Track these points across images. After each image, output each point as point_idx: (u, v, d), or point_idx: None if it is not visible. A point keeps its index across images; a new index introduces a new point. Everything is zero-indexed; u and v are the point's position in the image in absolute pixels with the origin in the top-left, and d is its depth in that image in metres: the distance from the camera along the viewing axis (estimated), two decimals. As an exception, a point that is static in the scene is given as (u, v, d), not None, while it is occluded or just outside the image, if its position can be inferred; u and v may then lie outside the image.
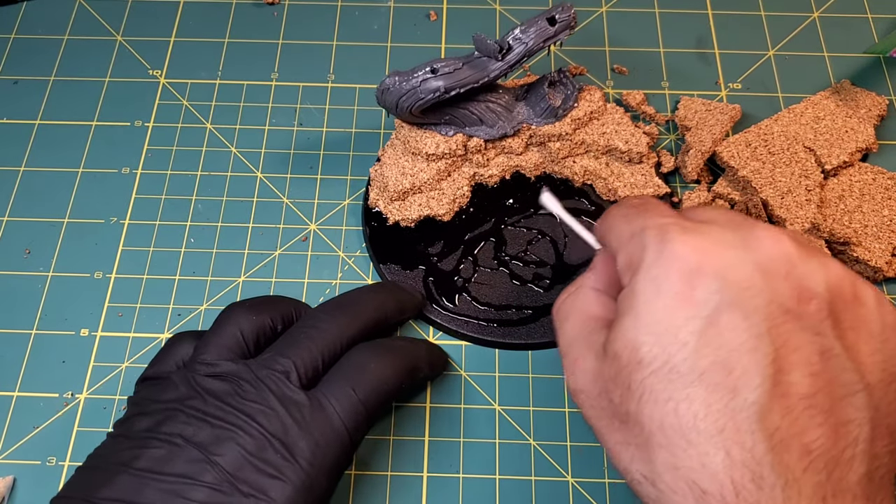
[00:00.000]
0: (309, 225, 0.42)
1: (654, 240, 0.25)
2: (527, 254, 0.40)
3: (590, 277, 0.29)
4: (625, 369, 0.24)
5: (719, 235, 0.25)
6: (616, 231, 0.27)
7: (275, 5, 0.50)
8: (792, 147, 0.42)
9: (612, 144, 0.41)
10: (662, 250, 0.24)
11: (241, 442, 0.28)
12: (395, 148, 0.41)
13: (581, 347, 0.27)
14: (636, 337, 0.24)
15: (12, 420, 0.37)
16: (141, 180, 0.44)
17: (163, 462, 0.28)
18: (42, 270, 0.41)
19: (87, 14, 0.50)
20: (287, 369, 0.31)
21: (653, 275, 0.24)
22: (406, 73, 0.38)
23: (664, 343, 0.23)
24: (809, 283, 0.24)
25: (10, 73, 0.48)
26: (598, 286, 0.29)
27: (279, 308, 0.34)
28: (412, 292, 0.38)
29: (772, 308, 0.23)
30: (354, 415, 0.30)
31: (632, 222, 0.27)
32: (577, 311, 0.28)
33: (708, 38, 0.49)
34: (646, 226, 0.26)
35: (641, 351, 0.24)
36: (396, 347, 0.34)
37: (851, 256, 0.39)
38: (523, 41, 0.38)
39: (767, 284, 0.23)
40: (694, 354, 0.23)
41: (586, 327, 0.27)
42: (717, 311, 0.23)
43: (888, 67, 0.47)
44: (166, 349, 0.33)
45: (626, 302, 0.25)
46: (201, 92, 0.47)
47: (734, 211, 0.27)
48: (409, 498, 0.35)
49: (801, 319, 0.23)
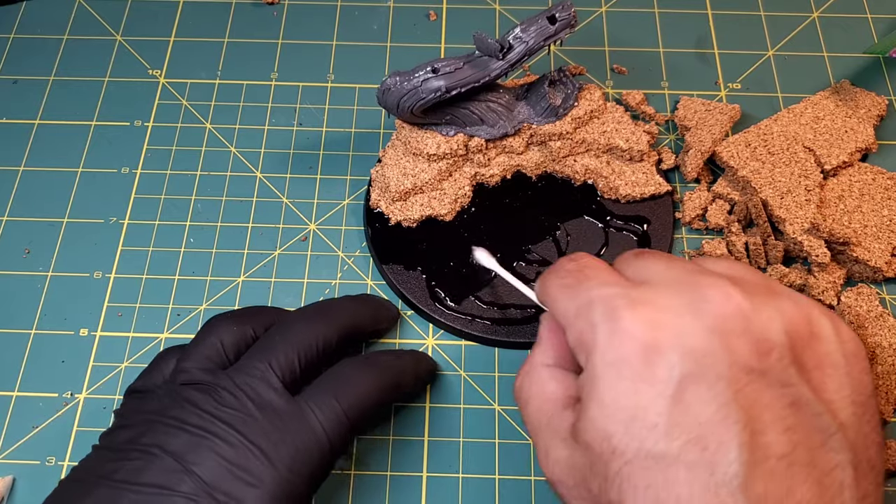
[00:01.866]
0: (308, 225, 0.42)
1: (602, 318, 0.24)
2: (529, 253, 0.40)
3: (539, 353, 0.29)
4: (599, 459, 0.23)
5: (667, 302, 0.24)
6: (560, 305, 0.27)
7: (274, 5, 0.50)
8: (791, 147, 0.42)
9: (612, 143, 0.41)
10: (614, 330, 0.24)
11: (219, 450, 0.28)
12: (396, 148, 0.41)
13: (548, 437, 0.26)
14: (605, 426, 0.23)
15: (12, 420, 0.37)
16: (140, 180, 0.44)
17: (139, 473, 0.28)
18: (42, 270, 0.41)
19: (86, 14, 0.50)
20: (265, 373, 0.30)
21: (609, 359, 0.24)
22: (407, 73, 0.38)
23: (634, 430, 0.23)
24: (767, 334, 0.23)
25: (9, 73, 0.47)
26: (550, 361, 0.28)
27: (262, 318, 0.34)
28: (387, 304, 0.38)
29: (734, 371, 0.22)
30: (337, 425, 0.30)
31: (575, 296, 0.26)
32: (535, 394, 0.28)
33: (708, 38, 0.49)
34: (591, 300, 0.25)
35: (613, 440, 0.23)
36: (381, 362, 0.34)
37: (851, 256, 0.39)
38: (524, 40, 0.38)
39: (725, 347, 0.23)
40: (666, 437, 0.22)
41: (547, 412, 0.27)
42: (681, 386, 0.22)
43: (888, 67, 0.47)
44: (154, 363, 0.33)
45: (588, 388, 0.24)
46: (201, 92, 0.47)
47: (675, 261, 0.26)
48: (409, 498, 0.35)
49: (765, 375, 0.23)
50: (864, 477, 0.23)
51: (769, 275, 0.39)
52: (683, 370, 0.22)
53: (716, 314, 0.23)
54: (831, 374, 0.24)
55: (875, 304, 0.38)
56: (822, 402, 0.23)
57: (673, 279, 0.25)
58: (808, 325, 0.24)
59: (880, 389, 0.35)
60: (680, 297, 0.24)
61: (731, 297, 0.24)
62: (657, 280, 0.25)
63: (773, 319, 0.24)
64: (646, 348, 0.23)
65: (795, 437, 0.22)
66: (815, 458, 0.22)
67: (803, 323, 0.24)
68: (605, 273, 0.26)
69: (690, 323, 0.23)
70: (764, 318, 0.24)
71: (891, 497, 0.35)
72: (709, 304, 0.24)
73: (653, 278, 0.26)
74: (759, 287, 0.25)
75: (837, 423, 0.23)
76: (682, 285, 0.25)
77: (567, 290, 0.26)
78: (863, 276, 0.39)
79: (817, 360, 0.24)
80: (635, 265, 0.27)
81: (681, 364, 0.23)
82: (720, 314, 0.23)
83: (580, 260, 0.28)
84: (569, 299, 0.26)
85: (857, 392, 0.24)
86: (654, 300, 0.24)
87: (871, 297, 0.38)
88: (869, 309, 0.38)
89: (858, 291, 0.38)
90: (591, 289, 0.25)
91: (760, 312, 0.24)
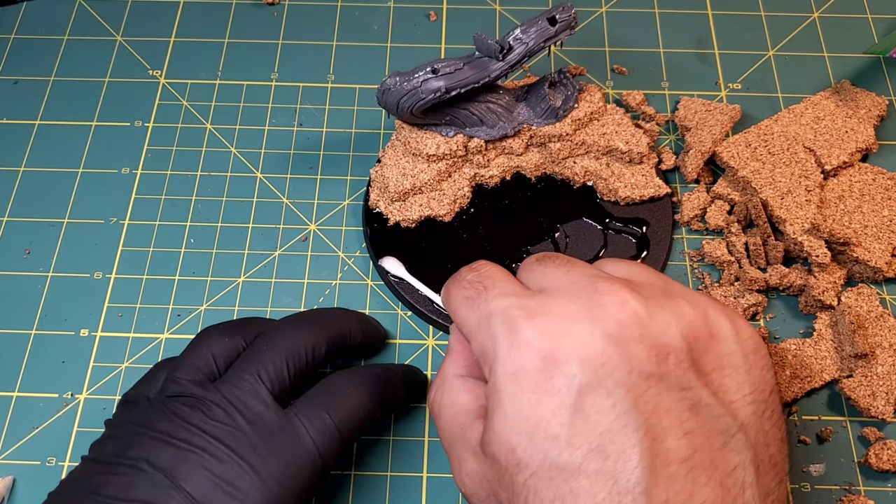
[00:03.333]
0: (309, 225, 0.42)
1: (501, 329, 0.24)
2: (528, 254, 0.40)
3: (450, 365, 0.29)
4: (506, 472, 0.24)
5: (563, 310, 0.24)
6: (462, 317, 0.27)
7: (275, 5, 0.50)
8: (792, 147, 0.42)
9: (612, 145, 0.41)
10: (513, 341, 0.24)
11: (208, 465, 0.28)
12: (395, 149, 0.41)
13: (459, 448, 0.26)
14: (509, 438, 0.23)
15: (12, 420, 0.37)
16: (141, 180, 0.44)
17: (127, 488, 0.27)
18: (42, 270, 0.41)
19: (86, 14, 0.50)
20: (254, 385, 0.30)
21: (510, 370, 0.24)
22: (407, 73, 0.38)
23: (536, 441, 0.23)
24: (664, 338, 0.23)
25: (10, 74, 0.48)
26: (461, 371, 0.28)
27: (253, 329, 0.33)
28: (376, 324, 0.38)
29: (632, 378, 0.23)
30: (328, 438, 0.30)
31: (475, 307, 0.26)
32: (446, 405, 0.28)
33: (708, 38, 0.49)
34: (490, 312, 0.25)
35: (517, 452, 0.23)
36: (373, 375, 0.33)
37: (851, 257, 0.39)
38: (524, 41, 0.38)
39: (622, 354, 0.23)
40: (568, 447, 0.22)
41: (458, 423, 0.27)
42: (580, 395, 0.23)
43: (888, 67, 0.47)
44: (150, 373, 0.33)
45: (492, 400, 0.24)
46: (201, 92, 0.47)
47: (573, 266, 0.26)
48: (409, 498, 0.35)
49: (664, 380, 0.23)
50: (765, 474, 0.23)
51: (769, 274, 0.39)
52: (582, 379, 0.23)
53: (612, 321, 0.23)
54: (731, 374, 0.24)
55: (875, 304, 0.38)
56: (723, 402, 0.23)
57: (570, 285, 0.25)
58: (706, 326, 0.25)
59: (880, 389, 0.35)
60: (577, 304, 0.24)
61: (627, 302, 0.24)
62: (555, 287, 0.26)
63: (669, 324, 0.24)
64: (544, 359, 0.23)
65: (696, 441, 0.22)
66: (715, 459, 0.22)
67: (701, 324, 0.24)
68: (503, 283, 0.26)
69: (586, 330, 0.23)
70: (660, 323, 0.24)
71: (891, 498, 0.35)
72: (605, 310, 0.24)
73: (551, 285, 0.26)
74: (656, 290, 0.25)
75: (738, 424, 0.23)
76: (578, 292, 0.25)
77: (468, 302, 0.27)
78: (863, 276, 0.39)
79: (717, 361, 0.24)
80: (534, 272, 0.27)
81: (580, 373, 0.23)
82: (616, 321, 0.23)
83: (480, 269, 0.28)
84: (470, 311, 0.26)
85: (758, 390, 0.24)
86: (552, 309, 0.24)
87: (872, 298, 0.38)
88: (869, 309, 0.38)
89: (859, 292, 0.38)
90: (489, 300, 0.26)
91: (657, 317, 0.24)
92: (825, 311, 0.38)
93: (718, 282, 0.40)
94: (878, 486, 0.35)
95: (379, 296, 0.40)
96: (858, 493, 0.35)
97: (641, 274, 0.27)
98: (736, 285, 0.39)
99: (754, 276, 0.38)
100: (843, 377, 0.37)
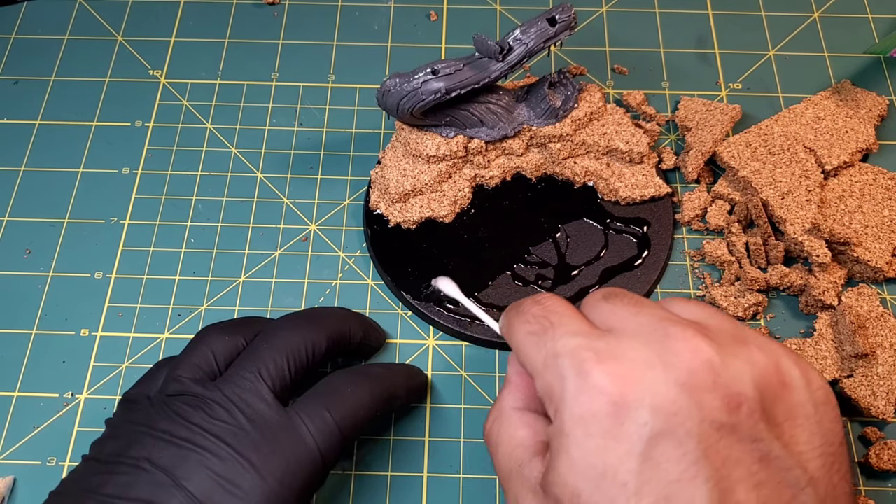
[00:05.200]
0: (309, 225, 0.42)
1: (570, 371, 0.24)
2: (529, 255, 0.40)
3: (508, 397, 0.28)
4: None
5: (635, 355, 0.24)
6: (526, 353, 0.26)
7: (275, 5, 0.50)
8: (792, 147, 0.42)
9: (612, 145, 0.41)
10: (582, 384, 0.23)
11: (209, 464, 0.28)
12: (395, 150, 0.41)
13: (518, 485, 0.26)
14: (575, 483, 0.23)
15: (12, 420, 0.37)
16: (141, 180, 0.44)
17: (128, 487, 0.27)
18: (42, 270, 0.41)
19: (87, 14, 0.50)
20: (255, 383, 0.30)
21: (578, 414, 0.23)
22: (406, 74, 0.38)
23: (604, 488, 0.22)
24: (737, 387, 0.23)
25: (10, 74, 0.48)
26: (519, 404, 0.28)
27: (253, 328, 0.33)
28: (376, 325, 0.38)
29: (704, 427, 0.22)
30: (328, 436, 0.30)
31: (541, 345, 0.25)
32: (504, 440, 0.27)
33: (708, 38, 0.49)
34: (557, 353, 0.25)
35: (582, 498, 0.23)
36: (374, 374, 0.33)
37: (852, 257, 0.39)
38: (524, 42, 0.38)
39: (694, 403, 0.22)
40: (636, 496, 0.22)
41: (516, 458, 0.27)
42: (650, 443, 0.22)
43: (888, 67, 0.47)
44: (150, 372, 0.33)
45: (557, 442, 0.24)
46: (201, 92, 0.47)
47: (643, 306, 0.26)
48: (409, 498, 0.35)
49: (735, 431, 0.22)
50: None
51: (770, 274, 0.39)
52: (654, 427, 0.22)
53: (685, 368, 0.23)
54: (802, 425, 0.24)
55: (876, 304, 0.38)
56: (793, 454, 0.23)
57: (640, 328, 0.25)
58: (778, 374, 0.24)
59: (881, 389, 0.35)
60: (648, 349, 0.24)
61: (700, 350, 0.23)
62: (624, 328, 0.25)
63: (742, 372, 0.23)
64: (615, 404, 0.23)
65: (765, 493, 0.22)
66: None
67: (773, 372, 0.24)
68: (571, 321, 0.26)
69: (659, 377, 0.23)
70: (733, 372, 0.23)
71: (891, 498, 0.35)
72: (677, 357, 0.23)
73: (619, 325, 0.25)
74: (727, 335, 0.25)
75: (807, 477, 0.23)
76: (650, 336, 0.24)
77: (533, 338, 0.26)
78: (863, 276, 0.39)
79: (788, 411, 0.24)
80: (602, 310, 0.27)
81: (651, 421, 0.22)
82: (689, 368, 0.23)
83: (545, 304, 0.27)
84: (535, 348, 0.26)
85: (828, 442, 0.24)
86: (623, 353, 0.24)
87: (872, 298, 0.38)
88: (869, 309, 0.38)
89: (859, 292, 0.38)
90: (557, 339, 0.25)
91: (730, 365, 0.23)
92: (826, 311, 0.38)
93: (719, 282, 0.40)
94: (879, 485, 0.35)
95: (379, 296, 0.40)
96: (859, 493, 0.35)
97: (711, 318, 0.26)
98: (736, 285, 0.39)
99: (755, 276, 0.38)
100: (843, 377, 0.37)
